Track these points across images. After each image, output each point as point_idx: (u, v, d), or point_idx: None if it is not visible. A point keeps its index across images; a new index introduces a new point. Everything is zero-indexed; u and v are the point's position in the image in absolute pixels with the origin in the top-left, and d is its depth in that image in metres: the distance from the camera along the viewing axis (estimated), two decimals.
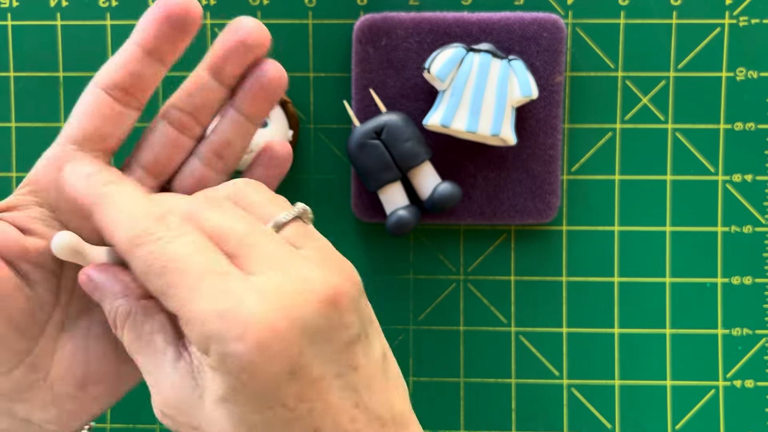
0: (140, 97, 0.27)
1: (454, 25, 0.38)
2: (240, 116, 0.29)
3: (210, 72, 0.28)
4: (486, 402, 0.41)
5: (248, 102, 0.28)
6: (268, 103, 0.29)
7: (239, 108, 0.29)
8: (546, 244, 0.40)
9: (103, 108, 0.27)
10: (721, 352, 0.40)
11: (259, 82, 0.28)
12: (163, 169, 0.28)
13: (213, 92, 0.28)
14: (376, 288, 0.41)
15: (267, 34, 0.28)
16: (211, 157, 0.29)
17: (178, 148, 0.28)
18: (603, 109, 0.40)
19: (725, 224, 0.40)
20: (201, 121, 0.28)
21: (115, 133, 0.27)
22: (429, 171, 0.38)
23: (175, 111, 0.28)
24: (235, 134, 0.29)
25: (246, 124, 0.29)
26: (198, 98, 0.28)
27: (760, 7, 0.39)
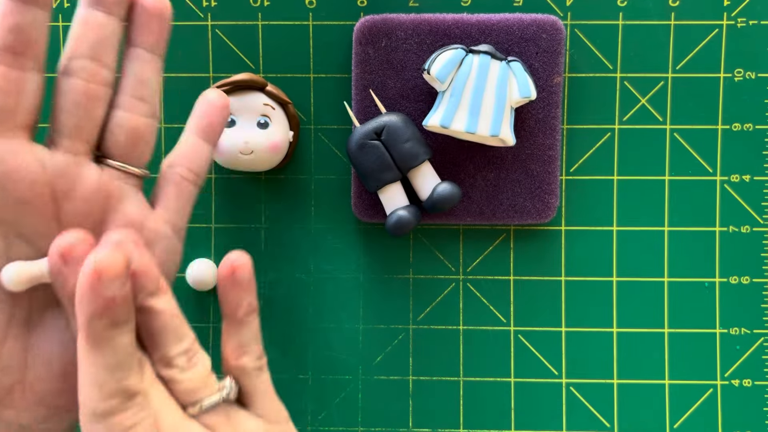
0: (32, 55, 0.25)
1: (453, 26, 0.38)
2: (141, 50, 0.28)
3: (90, 5, 0.26)
4: (485, 401, 0.41)
5: (141, 32, 0.27)
6: (161, 29, 0.28)
7: (136, 42, 0.28)
8: (545, 243, 0.40)
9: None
10: (719, 351, 0.40)
11: (145, 9, 0.27)
12: (87, 130, 0.27)
13: (103, 27, 0.26)
14: (376, 288, 0.41)
15: None
16: (131, 101, 0.28)
17: (93, 100, 0.27)
18: (601, 110, 0.40)
19: (723, 224, 0.40)
20: (103, 62, 0.27)
21: (21, 105, 0.25)
22: (429, 171, 0.38)
23: (72, 61, 0.26)
24: (143, 70, 0.28)
25: (149, 57, 0.28)
26: (91, 38, 0.26)
27: (758, 8, 0.39)
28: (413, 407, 0.41)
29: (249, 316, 0.28)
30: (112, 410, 0.23)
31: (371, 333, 0.41)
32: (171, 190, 0.29)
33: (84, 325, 0.23)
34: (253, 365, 0.28)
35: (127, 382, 0.24)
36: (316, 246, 0.41)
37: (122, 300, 0.23)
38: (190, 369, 0.26)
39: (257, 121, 0.38)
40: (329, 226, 0.41)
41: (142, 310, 0.25)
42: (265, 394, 0.28)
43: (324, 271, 0.41)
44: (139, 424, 0.24)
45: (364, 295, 0.41)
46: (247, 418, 0.27)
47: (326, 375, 0.41)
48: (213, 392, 0.26)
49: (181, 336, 0.26)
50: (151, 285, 0.25)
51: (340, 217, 0.41)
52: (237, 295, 0.27)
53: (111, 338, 0.23)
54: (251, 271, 0.27)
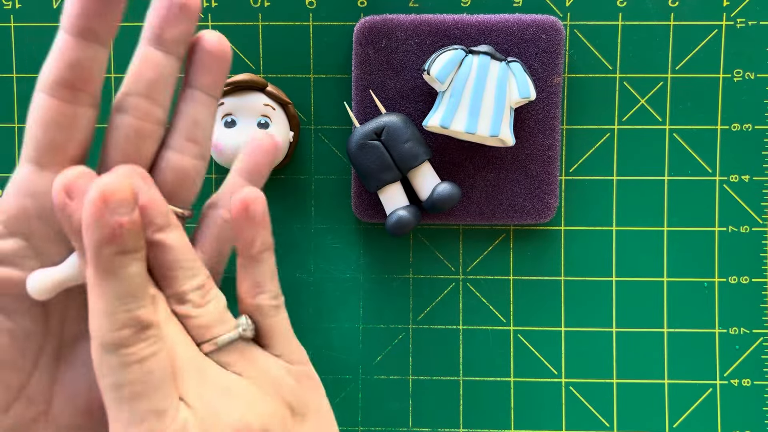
0: (89, 90, 0.25)
1: (453, 27, 0.38)
2: (196, 91, 0.27)
3: (150, 43, 0.26)
4: (485, 400, 0.41)
5: (199, 73, 0.27)
6: (219, 71, 0.27)
7: (193, 83, 0.27)
8: (544, 243, 0.41)
9: (52, 113, 0.25)
10: (719, 351, 0.41)
11: (205, 50, 0.27)
12: None
13: (160, 65, 0.26)
14: (376, 288, 0.41)
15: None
16: (182, 142, 0.27)
17: (144, 137, 0.26)
18: (601, 110, 0.40)
19: (722, 224, 0.40)
20: (158, 101, 0.27)
21: (73, 139, 0.25)
22: (428, 171, 0.38)
23: (127, 98, 0.26)
24: (199, 112, 0.27)
25: (205, 99, 0.28)
26: (147, 77, 0.26)
27: (757, 9, 0.39)
28: (413, 407, 0.41)
29: (263, 254, 0.27)
30: (124, 341, 0.23)
31: (371, 333, 0.41)
32: (211, 232, 0.29)
33: (92, 254, 0.22)
34: (270, 303, 0.27)
35: (138, 312, 0.23)
36: (316, 246, 0.41)
37: (130, 226, 0.22)
38: (205, 305, 0.26)
39: (257, 122, 0.38)
40: (329, 226, 0.41)
41: (152, 245, 0.25)
42: (283, 334, 0.28)
43: (324, 271, 0.41)
44: (153, 356, 0.23)
45: (364, 295, 0.41)
46: (265, 357, 0.27)
47: (326, 375, 0.41)
48: (229, 329, 0.26)
49: (194, 272, 0.26)
50: (160, 219, 0.25)
51: (340, 217, 0.41)
52: (251, 231, 0.26)
53: (120, 266, 0.22)
54: (265, 207, 0.26)
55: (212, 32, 0.27)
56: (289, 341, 0.28)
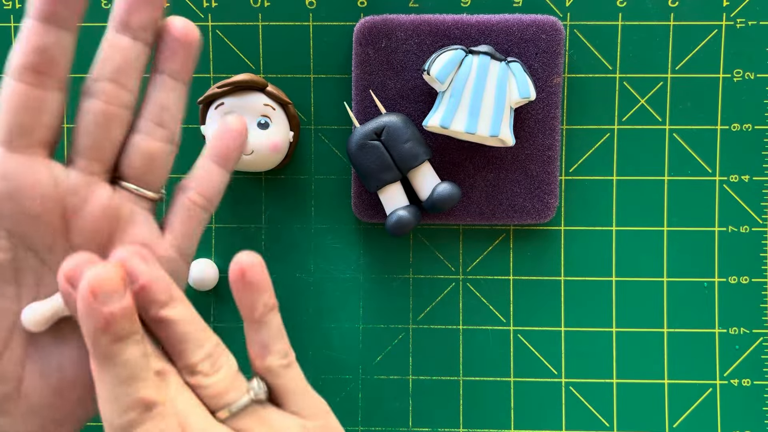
0: (55, 74, 0.26)
1: (453, 27, 0.38)
2: (164, 76, 0.28)
3: (117, 28, 0.27)
4: (485, 400, 0.41)
5: (166, 59, 0.28)
6: (187, 56, 0.28)
7: (161, 68, 0.28)
8: (544, 243, 0.41)
9: (19, 97, 0.25)
10: (718, 351, 0.41)
11: (172, 36, 0.27)
12: (104, 151, 0.27)
13: (127, 50, 0.27)
14: (376, 288, 0.41)
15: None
16: (150, 126, 0.28)
17: (111, 121, 0.27)
18: (601, 110, 0.40)
19: (722, 224, 0.40)
20: (126, 86, 0.27)
21: (41, 122, 0.26)
22: (428, 171, 0.38)
23: (95, 83, 0.27)
24: (167, 96, 0.28)
25: (173, 84, 0.28)
26: (114, 62, 0.27)
27: (757, 9, 0.39)
28: (413, 407, 0.41)
29: (266, 316, 0.27)
30: (131, 423, 0.23)
31: (371, 333, 0.41)
32: (181, 214, 0.29)
33: (90, 343, 0.23)
34: (279, 363, 0.27)
35: (141, 393, 0.24)
36: (316, 246, 0.41)
37: (122, 313, 0.23)
38: (215, 373, 0.26)
39: (257, 122, 0.38)
40: (329, 226, 0.41)
41: (157, 322, 0.25)
42: (297, 391, 0.28)
43: (324, 271, 0.41)
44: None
45: (364, 295, 0.41)
46: (282, 417, 0.27)
47: (326, 375, 0.41)
48: (242, 394, 0.26)
49: (201, 342, 0.26)
50: (162, 296, 0.25)
51: (340, 217, 0.41)
52: (250, 296, 0.27)
53: (117, 353, 0.23)
54: (263, 270, 0.27)
55: (179, 18, 0.28)
56: (304, 396, 0.28)
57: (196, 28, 0.28)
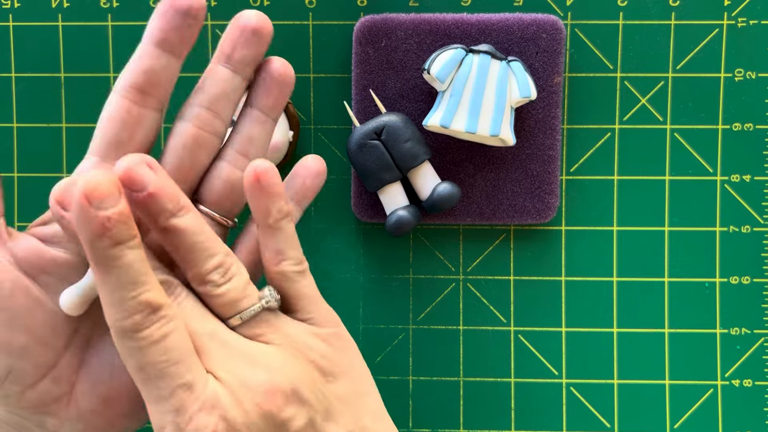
0: (157, 95, 0.27)
1: (453, 26, 0.38)
2: (256, 111, 0.29)
3: (219, 61, 0.28)
4: (485, 401, 0.41)
5: (262, 95, 0.29)
6: (280, 95, 0.29)
7: (254, 103, 0.29)
8: (545, 243, 0.40)
9: (120, 112, 0.27)
10: (720, 351, 0.40)
11: (270, 75, 0.29)
12: (188, 173, 0.28)
13: (226, 82, 0.28)
14: (376, 288, 0.41)
15: (267, 19, 0.28)
16: (235, 155, 0.29)
17: (200, 146, 0.28)
18: (602, 110, 0.40)
19: (723, 224, 0.40)
20: (219, 115, 0.28)
21: (134, 138, 0.27)
22: (428, 171, 0.38)
23: (191, 108, 0.28)
24: (255, 130, 0.29)
25: (263, 118, 0.29)
26: (212, 90, 0.28)
27: (759, 8, 0.39)
28: (413, 407, 0.41)
29: (281, 222, 0.27)
30: (136, 326, 0.24)
31: (371, 333, 0.41)
32: (248, 244, 0.30)
33: (88, 250, 0.23)
34: (294, 269, 0.28)
35: (145, 296, 0.24)
36: (316, 246, 0.41)
37: (119, 218, 0.23)
38: (226, 282, 0.26)
39: None
40: (329, 226, 0.41)
41: (166, 231, 0.26)
42: (311, 298, 0.28)
43: (323, 271, 0.41)
44: (170, 334, 0.24)
45: (364, 295, 0.41)
46: (292, 324, 0.28)
47: None
48: (253, 302, 0.27)
49: (211, 251, 0.26)
50: (171, 205, 0.25)
51: (340, 217, 0.41)
52: (264, 201, 0.27)
53: (117, 257, 0.23)
54: (277, 175, 0.27)
55: (279, 58, 0.29)
56: (317, 304, 0.29)
57: (292, 69, 0.29)
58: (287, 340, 0.27)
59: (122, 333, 0.24)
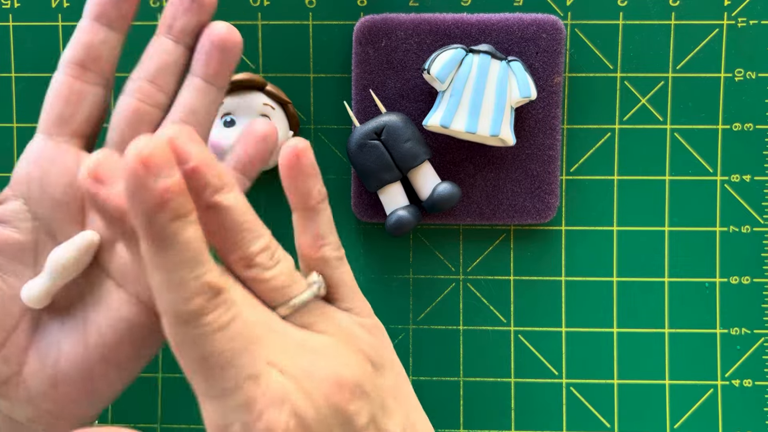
0: (98, 70, 0.27)
1: (453, 26, 0.38)
2: (199, 80, 0.28)
3: (162, 32, 0.28)
4: (485, 401, 0.41)
5: (203, 62, 0.28)
6: (224, 61, 0.28)
7: (197, 71, 0.28)
8: (545, 243, 0.40)
9: (63, 89, 0.27)
10: (720, 351, 0.40)
11: (210, 40, 0.27)
12: None
13: (167, 53, 0.27)
14: (376, 288, 0.41)
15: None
16: None
17: (141, 120, 0.27)
18: (602, 110, 0.40)
19: (723, 224, 0.40)
20: (162, 87, 0.28)
21: (79, 113, 0.27)
22: (428, 171, 0.38)
23: (133, 82, 0.28)
24: (197, 99, 0.28)
25: (207, 88, 0.28)
26: (153, 63, 0.27)
27: (759, 8, 0.39)
28: None
29: (321, 203, 0.26)
30: (200, 310, 0.21)
31: None
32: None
33: (144, 226, 0.20)
34: (335, 255, 0.26)
35: (208, 277, 0.21)
36: None
37: (177, 188, 0.20)
38: (274, 266, 0.24)
39: None
40: None
41: (210, 209, 0.23)
42: (351, 287, 0.27)
43: None
44: (233, 320, 0.22)
45: (364, 295, 0.41)
46: (339, 313, 0.26)
47: None
48: (302, 289, 0.25)
49: (259, 232, 0.24)
50: (215, 180, 0.23)
51: (340, 217, 0.41)
52: (306, 181, 0.25)
53: (178, 231, 0.20)
54: (313, 155, 0.26)
55: (222, 23, 0.28)
56: (356, 293, 0.27)
57: (238, 34, 0.28)
58: (340, 330, 0.25)
59: (183, 319, 0.21)
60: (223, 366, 0.21)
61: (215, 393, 0.22)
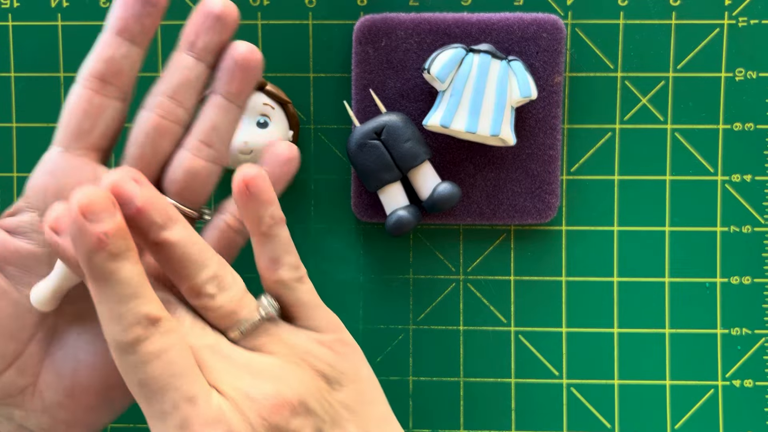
0: (119, 84, 0.27)
1: (453, 25, 0.38)
2: (220, 98, 0.28)
3: (183, 48, 0.28)
4: (485, 401, 0.41)
5: (225, 81, 0.28)
6: (245, 80, 0.28)
7: (219, 89, 0.28)
8: (545, 244, 0.40)
9: (82, 102, 0.27)
10: (720, 351, 0.40)
11: (233, 59, 0.28)
12: (149, 161, 0.28)
13: (189, 69, 0.28)
14: (376, 288, 0.41)
15: (232, 5, 0.28)
16: (197, 145, 0.28)
17: (162, 135, 0.28)
18: (602, 110, 0.40)
19: (724, 224, 0.40)
20: (182, 103, 0.28)
21: (97, 127, 0.27)
22: (429, 171, 0.38)
23: (154, 97, 0.28)
24: (219, 117, 0.28)
25: (228, 106, 0.28)
26: (175, 79, 0.28)
27: (759, 8, 0.39)
28: (413, 408, 0.41)
29: (274, 228, 0.27)
30: (136, 339, 0.23)
31: (371, 333, 0.41)
32: (213, 235, 0.29)
33: (85, 265, 0.23)
34: (291, 276, 0.27)
35: (144, 308, 0.23)
36: (316, 246, 0.41)
37: (115, 231, 0.22)
38: (222, 293, 0.25)
39: (257, 121, 0.38)
40: (329, 226, 0.41)
41: (158, 246, 0.25)
42: (311, 305, 0.27)
43: (323, 272, 0.41)
44: (171, 347, 0.23)
45: (364, 296, 0.41)
46: (296, 333, 0.27)
47: None
48: (251, 313, 0.26)
49: (204, 262, 0.25)
50: (159, 218, 0.25)
51: (340, 217, 0.41)
52: (255, 208, 0.26)
53: (115, 270, 0.22)
54: (266, 181, 0.26)
55: (244, 43, 0.28)
56: (317, 310, 0.28)
57: (259, 54, 0.28)
58: (290, 349, 0.26)
59: (123, 348, 0.23)
60: (162, 389, 0.23)
61: (155, 414, 0.23)
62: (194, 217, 0.29)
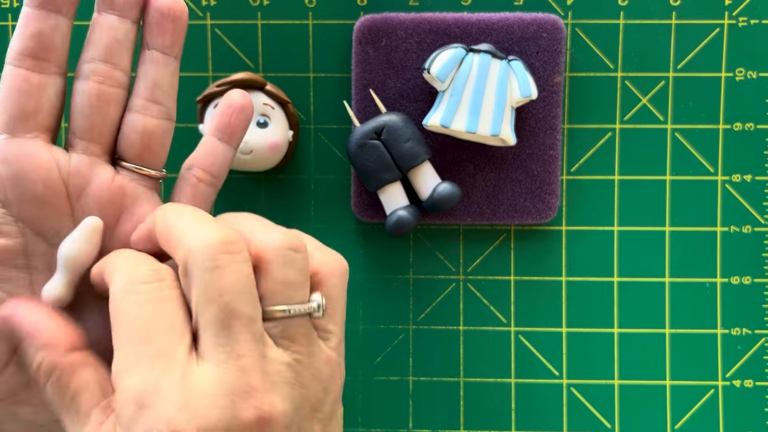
0: (53, 59, 0.26)
1: (453, 25, 0.38)
2: (156, 53, 0.28)
3: (102, 8, 0.27)
4: (485, 402, 0.41)
5: (154, 34, 0.28)
6: (176, 30, 0.28)
7: (150, 44, 0.28)
8: (545, 244, 0.40)
9: (18, 82, 0.26)
10: (721, 351, 0.40)
11: (159, 11, 0.27)
12: (102, 132, 0.27)
13: (114, 29, 0.27)
14: (376, 288, 0.41)
15: None
16: (144, 104, 0.28)
17: (106, 101, 0.27)
18: (602, 110, 0.40)
19: (724, 224, 0.40)
20: (117, 65, 0.27)
21: (41, 106, 0.26)
22: (429, 171, 0.38)
23: (87, 64, 0.27)
24: (158, 72, 0.28)
25: (165, 59, 0.28)
26: (103, 41, 0.27)
27: (760, 8, 0.39)
28: (413, 408, 0.41)
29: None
30: (144, 277, 0.24)
31: (371, 333, 0.41)
32: (187, 192, 0.29)
33: None
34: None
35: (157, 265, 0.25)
36: None
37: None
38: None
39: (257, 121, 0.38)
40: (329, 226, 0.41)
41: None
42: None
43: None
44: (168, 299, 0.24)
45: (364, 296, 0.41)
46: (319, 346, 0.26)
47: None
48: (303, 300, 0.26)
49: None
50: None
51: (340, 217, 0.40)
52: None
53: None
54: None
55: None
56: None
57: (181, 1, 0.28)
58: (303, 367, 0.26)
59: (126, 287, 0.24)
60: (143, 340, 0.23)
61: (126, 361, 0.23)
62: (160, 177, 0.29)
